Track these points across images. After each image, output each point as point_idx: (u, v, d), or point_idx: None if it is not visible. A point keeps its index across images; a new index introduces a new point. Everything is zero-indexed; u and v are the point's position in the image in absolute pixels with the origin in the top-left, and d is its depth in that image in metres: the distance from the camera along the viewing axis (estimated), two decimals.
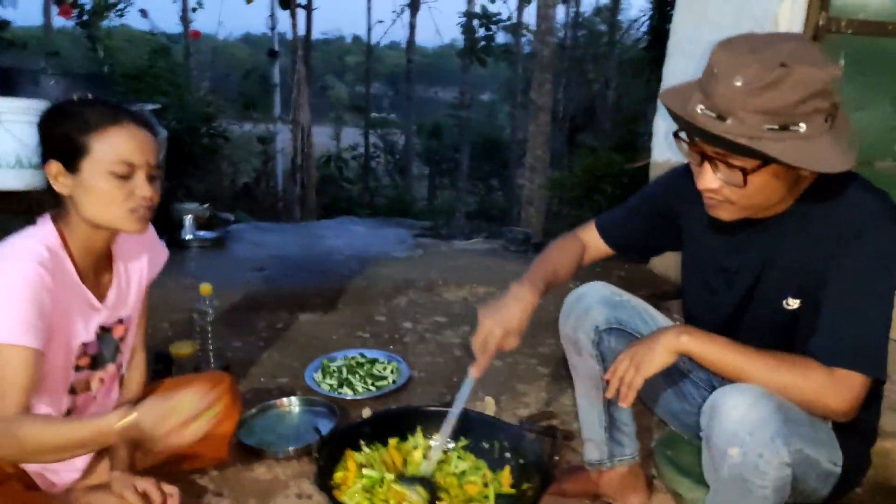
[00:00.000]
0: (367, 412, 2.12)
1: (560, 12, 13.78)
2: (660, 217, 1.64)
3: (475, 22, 11.02)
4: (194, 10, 10.43)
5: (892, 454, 1.99)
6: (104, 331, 1.50)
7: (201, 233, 4.04)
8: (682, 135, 1.31)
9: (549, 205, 6.21)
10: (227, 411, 1.74)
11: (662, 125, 3.66)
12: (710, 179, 1.27)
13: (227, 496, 1.75)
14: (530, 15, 12.17)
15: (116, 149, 1.31)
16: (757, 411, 1.20)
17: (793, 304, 1.38)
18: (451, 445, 1.68)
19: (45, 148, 1.35)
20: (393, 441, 1.67)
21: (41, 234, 1.36)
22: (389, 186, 15.58)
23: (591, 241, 1.73)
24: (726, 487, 1.26)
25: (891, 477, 1.91)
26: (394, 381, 2.38)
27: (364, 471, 1.54)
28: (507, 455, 1.68)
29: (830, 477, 1.34)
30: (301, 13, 9.93)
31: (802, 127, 1.16)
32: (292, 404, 2.20)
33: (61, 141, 1.32)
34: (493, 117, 20.09)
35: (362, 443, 1.66)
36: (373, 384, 2.36)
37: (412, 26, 14.62)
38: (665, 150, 3.64)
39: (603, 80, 11.92)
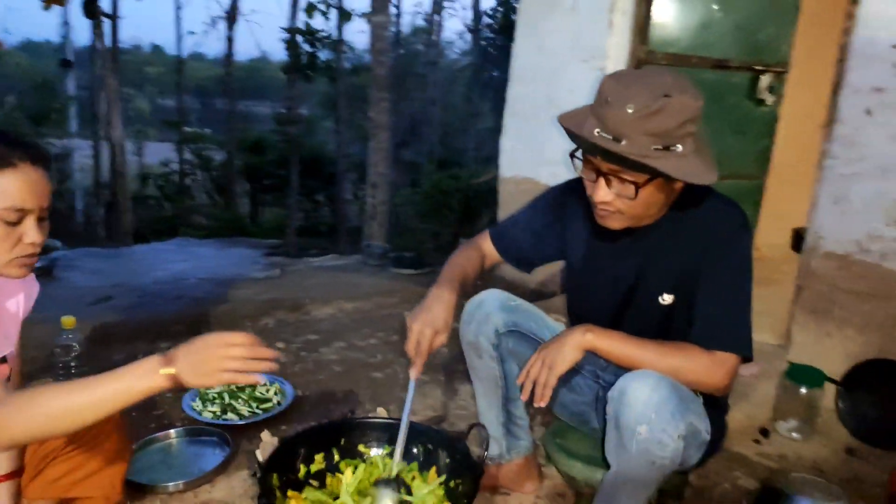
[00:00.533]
0: (266, 436, 2.08)
1: None
2: (545, 230, 1.81)
3: (299, 38, 10.92)
4: None
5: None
6: None
7: None
8: (578, 154, 1.49)
9: (395, 219, 6.35)
10: (118, 450, 1.64)
11: (508, 143, 3.94)
12: (604, 193, 1.45)
13: None
14: (349, 32, 12.35)
15: (7, 195, 1.18)
16: (658, 393, 1.39)
17: (667, 299, 1.60)
18: (380, 452, 1.71)
19: None
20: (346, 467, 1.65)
21: None
22: (208, 205, 14.86)
23: (487, 249, 1.87)
24: (633, 462, 1.44)
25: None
26: (279, 403, 2.35)
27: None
28: (437, 456, 1.69)
29: (703, 445, 1.58)
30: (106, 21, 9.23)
31: (679, 147, 1.38)
32: (176, 436, 2.10)
33: None
34: (312, 133, 19.93)
35: (302, 467, 1.63)
36: (258, 407, 2.31)
37: (230, 39, 14.14)
38: (511, 167, 3.92)
39: (426, 99, 12.39)
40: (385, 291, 3.67)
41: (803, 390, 2.32)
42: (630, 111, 1.33)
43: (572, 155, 1.51)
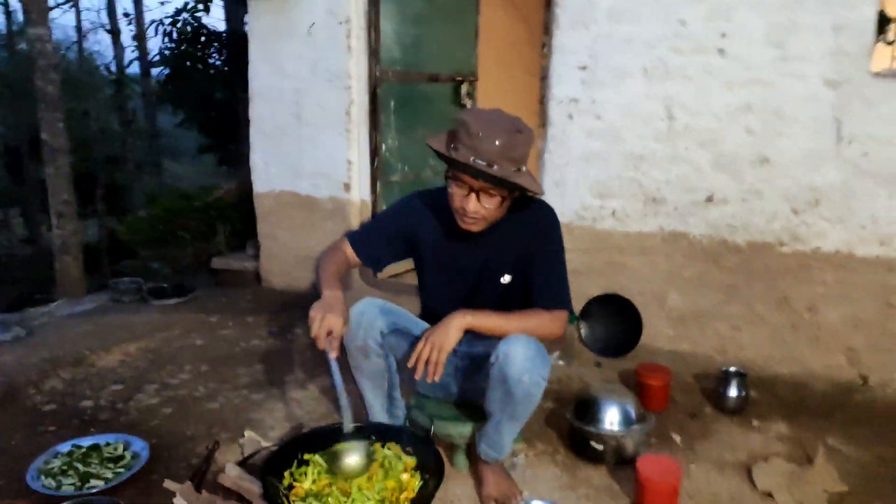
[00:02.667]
0: (249, 433, 2.11)
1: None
2: (400, 235, 2.18)
3: None
4: None
5: None
6: None
7: None
8: (450, 174, 1.91)
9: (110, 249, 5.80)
10: None
11: (259, 160, 4.09)
12: (475, 205, 1.90)
13: None
14: None
15: None
16: (530, 349, 1.89)
17: (506, 279, 2.13)
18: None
19: None
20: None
21: None
22: None
23: (348, 252, 2.16)
24: (518, 406, 1.93)
25: None
26: (135, 455, 2.32)
27: None
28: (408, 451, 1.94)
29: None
30: None
31: (524, 168, 1.90)
32: None
33: None
34: None
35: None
36: (120, 466, 2.26)
37: None
38: (266, 183, 4.09)
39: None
40: (163, 326, 3.58)
41: None
42: (497, 144, 1.79)
43: (447, 176, 1.92)
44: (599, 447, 2.27)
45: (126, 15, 13.95)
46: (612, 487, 2.17)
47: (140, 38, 13.34)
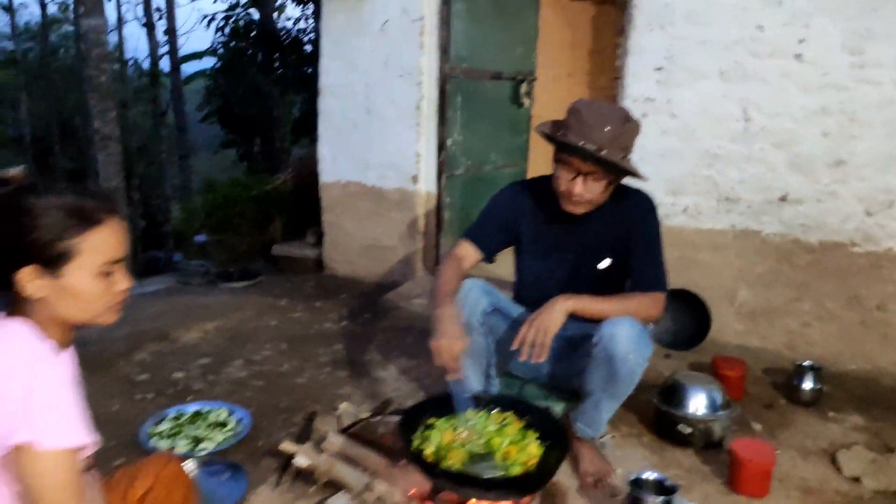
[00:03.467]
0: (346, 405, 2.20)
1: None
2: (506, 224, 2.29)
3: None
4: None
5: None
6: None
7: None
8: (559, 158, 2.00)
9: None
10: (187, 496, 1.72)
11: (327, 152, 4.21)
12: (581, 188, 2.00)
13: None
14: None
15: (104, 250, 1.23)
16: (634, 330, 1.98)
17: (604, 264, 2.22)
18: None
19: (14, 253, 1.18)
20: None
21: (28, 333, 1.19)
22: None
23: (468, 253, 2.25)
24: (620, 383, 2.02)
25: None
26: (239, 421, 2.42)
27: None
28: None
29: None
30: None
31: (630, 155, 1.99)
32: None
33: (38, 247, 1.18)
34: None
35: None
36: (227, 430, 2.36)
37: None
38: (333, 173, 4.21)
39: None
40: (236, 307, 3.69)
41: None
42: (607, 130, 1.89)
43: (556, 159, 2.02)
44: (687, 430, 2.34)
45: (157, 10, 14.13)
46: (702, 469, 2.24)
47: (171, 32, 13.53)
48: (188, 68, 14.09)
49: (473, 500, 1.66)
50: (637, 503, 1.76)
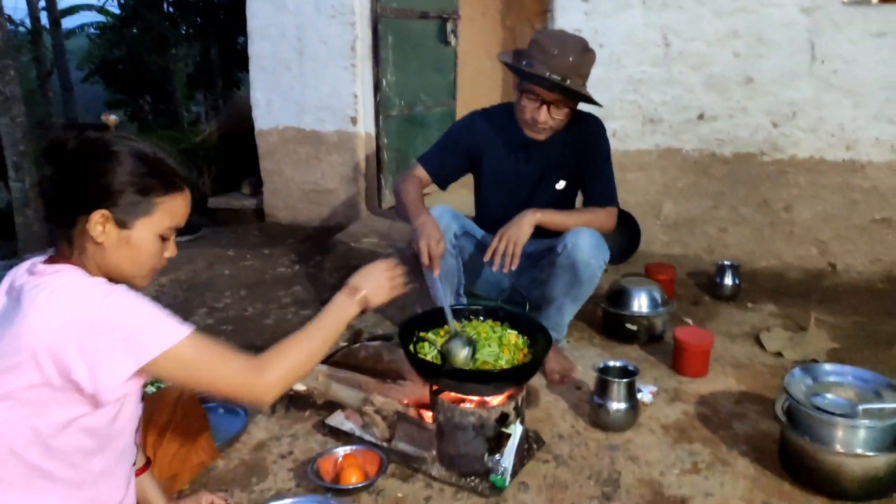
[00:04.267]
0: None
1: None
2: (464, 151, 2.44)
3: None
4: None
5: None
6: None
7: None
8: (523, 87, 2.16)
9: None
10: (199, 422, 1.85)
11: (261, 97, 4.18)
12: (545, 116, 2.17)
13: None
14: None
15: (174, 215, 1.30)
16: (594, 238, 2.22)
17: (561, 185, 2.43)
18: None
19: (93, 193, 1.22)
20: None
21: (84, 274, 1.24)
22: None
23: (421, 175, 2.40)
24: (582, 287, 2.26)
25: None
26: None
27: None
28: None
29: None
30: None
31: (587, 84, 2.18)
32: None
33: (123, 195, 1.23)
34: None
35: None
36: None
37: None
38: (269, 119, 4.20)
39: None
40: (187, 259, 3.70)
41: None
42: (570, 59, 2.07)
43: (520, 89, 2.18)
44: (634, 328, 2.64)
45: None
46: (650, 358, 2.55)
47: None
48: (68, 23, 13.16)
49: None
50: (605, 385, 2.01)
